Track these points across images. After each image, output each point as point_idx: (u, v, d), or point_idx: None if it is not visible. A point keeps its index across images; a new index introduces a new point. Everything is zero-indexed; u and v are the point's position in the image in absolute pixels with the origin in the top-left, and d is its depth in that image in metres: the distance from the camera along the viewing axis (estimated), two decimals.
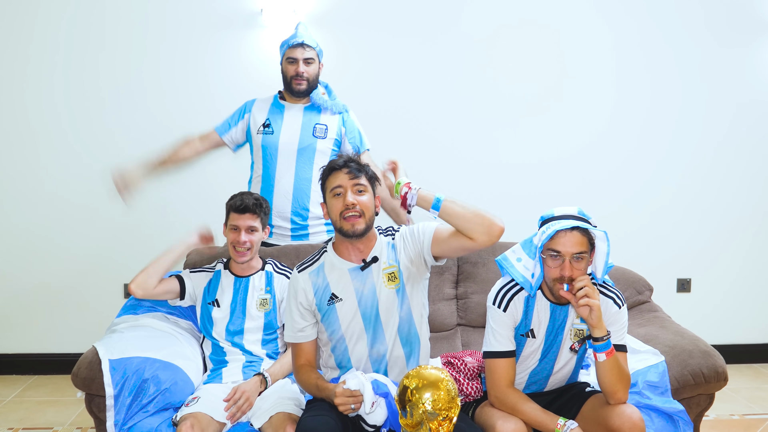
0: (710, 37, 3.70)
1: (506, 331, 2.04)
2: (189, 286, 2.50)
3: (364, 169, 2.07)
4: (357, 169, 2.04)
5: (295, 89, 2.80)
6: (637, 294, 2.78)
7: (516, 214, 3.36)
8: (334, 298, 2.06)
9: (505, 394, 2.01)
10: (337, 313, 2.06)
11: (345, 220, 2.01)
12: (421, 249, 2.06)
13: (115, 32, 3.52)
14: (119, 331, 2.40)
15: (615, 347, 1.97)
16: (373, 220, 2.08)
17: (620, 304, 2.06)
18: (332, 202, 2.05)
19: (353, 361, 2.08)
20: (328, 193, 2.06)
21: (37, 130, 3.56)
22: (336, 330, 2.08)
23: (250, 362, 2.41)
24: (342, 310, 2.06)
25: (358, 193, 2.03)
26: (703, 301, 3.82)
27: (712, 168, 3.78)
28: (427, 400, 1.79)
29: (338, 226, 2.04)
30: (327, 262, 2.10)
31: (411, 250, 2.07)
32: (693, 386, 2.25)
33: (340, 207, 2.02)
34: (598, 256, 2.01)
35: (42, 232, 3.59)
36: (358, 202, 2.02)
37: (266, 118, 2.83)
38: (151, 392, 2.14)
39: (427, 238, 2.04)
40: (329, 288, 2.07)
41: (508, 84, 3.66)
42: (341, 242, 2.09)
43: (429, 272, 2.14)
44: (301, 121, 2.82)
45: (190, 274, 2.53)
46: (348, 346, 2.08)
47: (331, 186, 2.05)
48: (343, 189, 2.02)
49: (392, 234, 2.13)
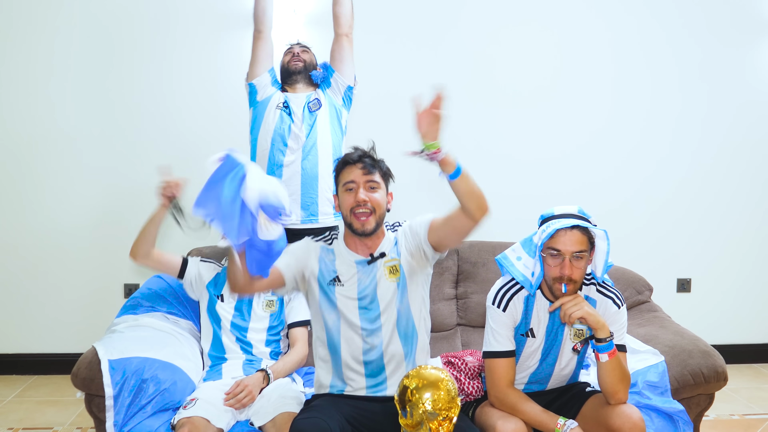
0: (711, 37, 3.70)
1: (506, 331, 2.04)
2: (191, 270, 2.50)
3: (378, 164, 2.07)
4: (371, 165, 2.05)
5: (292, 67, 2.88)
6: (637, 294, 2.77)
7: (516, 214, 3.38)
8: (337, 281, 2.08)
9: (505, 393, 2.01)
10: (336, 296, 2.07)
11: (355, 217, 2.03)
12: (420, 240, 2.07)
13: (120, 33, 3.52)
14: (119, 331, 2.40)
15: (615, 347, 1.97)
16: (384, 217, 2.09)
17: (619, 303, 2.06)
18: (344, 197, 2.06)
19: (345, 351, 2.07)
20: (340, 186, 2.08)
21: (39, 133, 3.55)
22: (331, 314, 2.08)
23: (250, 360, 2.42)
24: (341, 294, 2.07)
25: (370, 189, 2.04)
26: (703, 301, 3.81)
27: (713, 168, 3.77)
28: (427, 400, 1.79)
29: (348, 221, 2.06)
30: (336, 249, 2.12)
31: (411, 243, 2.09)
32: (693, 386, 2.25)
33: (351, 202, 2.03)
34: (597, 255, 2.01)
35: (42, 233, 3.59)
36: (370, 199, 2.03)
37: (284, 100, 2.87)
38: (151, 392, 2.13)
39: (424, 228, 2.06)
40: (335, 271, 2.09)
41: (507, 83, 3.66)
42: (349, 236, 2.11)
43: (431, 267, 2.14)
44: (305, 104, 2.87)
45: (200, 261, 2.55)
46: (342, 338, 2.07)
47: (344, 180, 2.06)
48: (356, 184, 2.03)
49: (396, 229, 2.15)
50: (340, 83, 2.89)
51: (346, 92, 2.91)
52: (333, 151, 2.84)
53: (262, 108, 2.87)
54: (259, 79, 2.88)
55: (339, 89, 2.90)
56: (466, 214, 1.90)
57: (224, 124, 3.53)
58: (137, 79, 3.54)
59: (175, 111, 3.55)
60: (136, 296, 2.61)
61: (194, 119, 3.54)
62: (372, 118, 3.52)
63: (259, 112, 2.88)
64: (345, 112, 2.94)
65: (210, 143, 3.49)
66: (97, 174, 3.57)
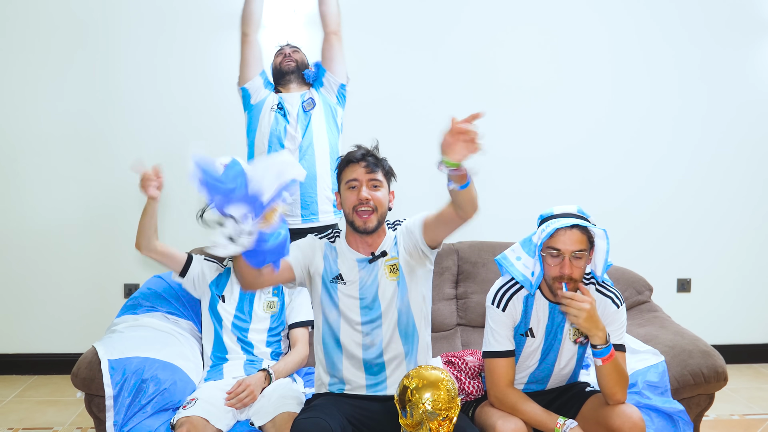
0: (710, 37, 3.69)
1: (505, 331, 2.05)
2: (195, 269, 2.50)
3: (381, 163, 2.09)
4: (374, 164, 2.07)
5: (284, 68, 2.90)
6: (636, 294, 2.77)
7: (515, 213, 3.38)
8: (339, 279, 2.09)
9: (504, 393, 2.01)
10: (337, 294, 2.08)
11: (357, 215, 2.04)
12: (416, 240, 2.08)
13: (117, 31, 3.52)
14: (119, 331, 2.40)
15: (614, 347, 1.97)
16: (386, 215, 2.10)
17: (619, 303, 2.06)
18: (346, 195, 2.07)
19: (346, 349, 2.08)
20: (343, 184, 2.09)
21: (36, 131, 3.55)
22: (332, 312, 2.08)
23: (251, 361, 2.42)
24: (343, 293, 2.08)
25: (373, 188, 2.05)
26: (703, 301, 3.81)
27: (712, 167, 3.77)
28: (427, 400, 1.79)
29: (350, 219, 2.07)
30: (339, 247, 2.14)
31: (408, 242, 2.10)
32: (693, 386, 2.25)
33: (353, 201, 2.05)
34: (597, 254, 2.02)
35: (42, 232, 3.59)
36: (373, 197, 2.04)
37: (278, 101, 2.87)
38: (151, 392, 2.14)
39: (418, 227, 2.08)
40: (338, 267, 2.10)
41: (505, 83, 3.65)
42: (351, 234, 2.12)
43: (431, 263, 2.15)
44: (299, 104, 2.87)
45: (204, 260, 2.54)
46: (341, 333, 2.08)
47: (346, 178, 2.07)
48: (359, 183, 2.05)
49: (396, 227, 2.16)
50: (332, 82, 2.90)
51: (339, 90, 2.92)
52: (330, 150, 2.85)
53: (257, 111, 2.88)
54: (251, 83, 2.89)
55: (332, 88, 2.91)
56: (459, 215, 1.92)
57: (220, 120, 3.54)
58: (134, 75, 3.54)
59: (172, 108, 3.55)
60: (136, 296, 2.61)
61: (189, 116, 3.54)
62: (373, 120, 3.53)
63: (254, 115, 2.89)
64: (340, 110, 2.95)
65: (206, 138, 3.51)
66: (97, 172, 3.57)
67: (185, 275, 2.49)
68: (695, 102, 3.73)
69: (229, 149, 2.93)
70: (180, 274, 2.49)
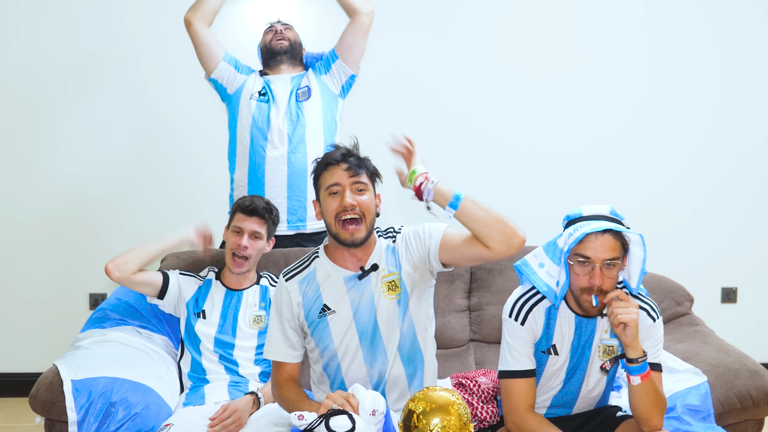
0: (760, 11, 3.69)
1: (524, 348, 2.04)
2: (173, 287, 2.50)
3: (365, 164, 2.05)
4: (357, 165, 2.02)
5: (276, 47, 2.89)
6: (675, 305, 2.78)
7: (536, 212, 3.38)
8: (326, 310, 2.05)
9: (523, 419, 2.01)
10: (329, 327, 2.06)
11: (342, 226, 2.00)
12: (427, 254, 2.04)
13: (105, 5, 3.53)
14: (84, 347, 2.40)
15: (650, 366, 1.96)
16: (374, 223, 2.06)
17: (655, 316, 2.06)
18: (327, 202, 2.02)
19: (348, 382, 2.07)
20: (323, 191, 2.04)
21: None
22: (328, 346, 2.07)
23: (236, 382, 2.41)
24: (335, 323, 2.05)
25: (357, 192, 2.01)
26: (750, 313, 3.81)
27: (760, 161, 3.77)
28: (435, 426, 1.79)
29: (334, 231, 2.02)
30: (319, 268, 2.09)
31: (415, 255, 2.06)
32: (739, 410, 2.25)
33: (336, 207, 2.00)
34: (632, 263, 2.00)
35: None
36: (359, 202, 2.00)
37: (262, 86, 2.87)
38: (120, 417, 2.12)
39: (435, 242, 2.03)
40: (321, 298, 2.06)
41: (523, 63, 3.66)
42: (336, 248, 2.07)
43: (435, 279, 2.13)
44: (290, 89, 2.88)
45: (179, 275, 2.54)
46: (342, 365, 2.08)
47: (326, 183, 2.02)
48: (341, 187, 2.00)
49: (393, 236, 2.11)
50: (342, 72, 2.89)
51: (348, 81, 2.92)
52: (325, 147, 2.83)
53: (235, 101, 2.89)
54: (217, 72, 2.88)
55: (340, 78, 2.90)
56: (486, 245, 1.91)
57: (203, 116, 3.56)
58: (119, 65, 3.56)
59: (167, 99, 3.57)
60: (104, 307, 2.61)
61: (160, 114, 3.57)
62: (377, 105, 3.54)
63: (233, 106, 2.90)
64: (341, 101, 2.95)
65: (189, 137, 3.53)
66: (59, 174, 3.57)
67: (164, 297, 2.50)
68: (742, 87, 3.73)
69: (218, 145, 2.95)
70: (158, 296, 2.50)
